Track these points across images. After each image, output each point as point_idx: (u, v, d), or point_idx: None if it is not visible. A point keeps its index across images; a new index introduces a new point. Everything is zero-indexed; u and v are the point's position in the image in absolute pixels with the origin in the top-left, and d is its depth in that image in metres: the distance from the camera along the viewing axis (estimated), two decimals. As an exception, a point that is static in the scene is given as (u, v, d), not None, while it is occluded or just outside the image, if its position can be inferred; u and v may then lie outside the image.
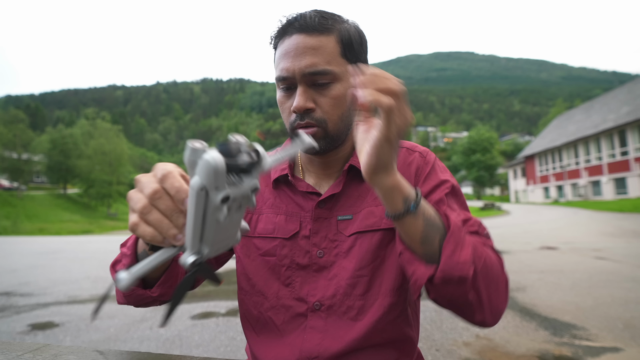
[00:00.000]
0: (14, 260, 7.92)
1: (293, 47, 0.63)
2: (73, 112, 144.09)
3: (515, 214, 19.73)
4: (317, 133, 0.65)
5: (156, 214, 0.40)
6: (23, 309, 3.83)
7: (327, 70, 0.63)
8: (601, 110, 28.89)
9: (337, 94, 0.65)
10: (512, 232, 10.31)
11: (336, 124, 0.66)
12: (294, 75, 0.63)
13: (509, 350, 2.41)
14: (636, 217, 12.62)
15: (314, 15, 0.64)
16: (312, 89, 0.64)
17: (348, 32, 0.66)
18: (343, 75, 0.65)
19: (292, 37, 0.64)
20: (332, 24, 0.65)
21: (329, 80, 0.64)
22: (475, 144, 49.12)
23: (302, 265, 0.69)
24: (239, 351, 2.59)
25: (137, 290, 0.62)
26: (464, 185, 68.20)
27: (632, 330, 2.66)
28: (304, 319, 0.67)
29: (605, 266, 4.97)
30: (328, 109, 0.65)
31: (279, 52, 0.66)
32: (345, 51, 0.65)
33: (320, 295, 0.67)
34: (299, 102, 0.63)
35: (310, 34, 0.63)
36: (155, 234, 0.40)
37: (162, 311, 3.15)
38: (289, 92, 0.66)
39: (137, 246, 0.58)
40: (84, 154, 41.19)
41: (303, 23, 0.63)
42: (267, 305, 0.70)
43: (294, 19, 0.65)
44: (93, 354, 0.57)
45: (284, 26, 0.66)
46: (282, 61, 0.65)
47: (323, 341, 0.65)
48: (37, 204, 37.01)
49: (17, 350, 0.57)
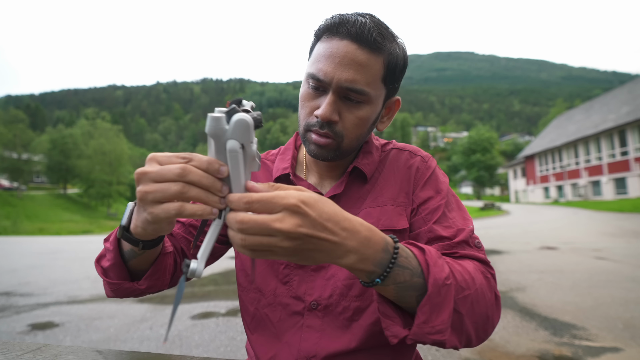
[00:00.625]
0: (14, 260, 7.92)
1: (341, 54, 0.60)
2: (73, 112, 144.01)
3: (515, 214, 19.70)
4: (330, 145, 0.65)
5: (195, 189, 0.41)
6: (23, 309, 3.83)
7: (365, 92, 0.62)
8: (601, 110, 28.90)
9: (363, 116, 0.64)
10: (512, 232, 10.31)
11: (352, 141, 0.66)
12: (330, 82, 0.61)
13: (509, 350, 2.41)
14: (636, 217, 12.62)
15: (373, 29, 0.60)
16: (342, 101, 0.63)
17: (396, 58, 0.64)
18: (375, 99, 0.64)
19: (343, 41, 0.61)
20: (386, 43, 0.62)
21: (362, 101, 0.63)
22: (475, 144, 49.14)
23: (300, 264, 0.68)
24: (239, 351, 2.59)
25: (125, 283, 0.61)
26: (464, 185, 68.15)
27: (632, 330, 2.66)
28: (301, 318, 0.67)
29: (605, 266, 4.97)
30: (350, 127, 0.64)
31: (323, 50, 0.63)
32: (387, 77, 0.64)
33: (317, 294, 0.67)
34: (325, 112, 0.61)
35: (363, 47, 0.60)
36: (205, 208, 0.41)
37: (162, 312, 3.15)
38: (317, 93, 0.64)
39: (121, 244, 0.59)
40: (84, 154, 41.22)
41: (360, 32, 0.60)
42: (264, 302, 0.70)
43: (351, 22, 0.61)
44: (93, 354, 0.57)
45: (339, 23, 0.62)
46: (324, 62, 0.62)
47: (321, 340, 0.65)
48: (37, 204, 37.02)
49: (17, 350, 0.57)
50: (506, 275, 4.63)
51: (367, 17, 0.62)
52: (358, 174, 0.72)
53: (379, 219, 0.68)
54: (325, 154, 0.66)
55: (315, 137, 0.65)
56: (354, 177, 0.72)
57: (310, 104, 0.65)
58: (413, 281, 0.49)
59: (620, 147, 24.07)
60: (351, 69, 0.60)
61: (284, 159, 0.77)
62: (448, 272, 0.51)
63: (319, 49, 0.64)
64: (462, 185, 69.93)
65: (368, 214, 0.69)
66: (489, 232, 10.55)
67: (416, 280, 0.49)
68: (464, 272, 0.54)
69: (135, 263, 0.60)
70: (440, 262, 0.52)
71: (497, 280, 0.61)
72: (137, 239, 0.53)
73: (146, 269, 0.62)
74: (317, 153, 0.66)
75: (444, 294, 0.49)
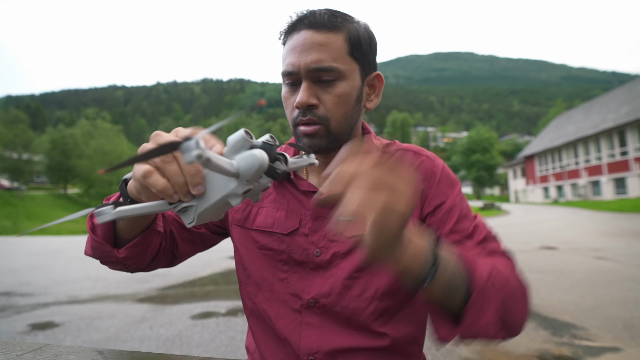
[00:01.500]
0: (14, 260, 7.93)
1: (300, 43, 0.63)
2: (73, 112, 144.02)
3: (515, 214, 19.72)
4: (319, 131, 0.65)
5: (175, 166, 0.41)
6: (23, 309, 3.83)
7: (333, 67, 0.62)
8: (601, 110, 28.89)
9: (341, 92, 0.64)
10: (512, 232, 10.31)
11: (339, 122, 0.66)
12: (299, 71, 0.63)
13: (509, 350, 2.41)
14: (636, 217, 12.62)
15: (324, 13, 0.64)
16: (317, 85, 0.64)
17: (357, 31, 0.66)
18: (349, 73, 0.65)
19: (300, 32, 0.64)
20: (342, 22, 0.64)
21: (334, 78, 0.63)
22: (475, 144, 49.17)
23: (298, 261, 0.68)
24: (239, 351, 2.59)
25: (106, 245, 0.61)
26: (464, 185, 68.15)
27: (632, 330, 2.66)
28: (299, 315, 0.67)
29: (605, 266, 4.97)
30: (331, 107, 0.64)
31: (287, 48, 0.66)
32: (353, 50, 0.65)
33: (315, 292, 0.66)
34: (302, 98, 0.63)
35: (319, 30, 0.63)
36: (168, 187, 0.41)
37: (162, 312, 3.15)
38: (293, 88, 0.66)
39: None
40: (84, 154, 41.21)
41: (312, 20, 0.63)
42: (261, 297, 0.70)
43: (304, 16, 0.65)
44: (93, 354, 0.57)
45: (294, 22, 0.66)
46: (289, 56, 0.64)
47: (322, 336, 0.65)
48: (37, 204, 37.01)
49: (17, 350, 0.58)
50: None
51: (321, 7, 0.66)
52: None
53: None
54: (318, 142, 0.65)
55: (303, 128, 0.65)
56: None
57: (291, 100, 0.66)
58: (456, 279, 0.49)
59: (620, 147, 24.06)
60: (313, 51, 0.62)
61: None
62: (489, 270, 0.51)
63: (284, 50, 0.67)
64: (462, 185, 69.37)
65: None
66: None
67: (459, 280, 0.49)
68: (500, 268, 0.54)
69: (123, 226, 0.60)
70: (481, 261, 0.53)
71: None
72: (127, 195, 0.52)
73: (130, 240, 0.62)
74: (310, 144, 0.66)
75: (488, 293, 0.50)
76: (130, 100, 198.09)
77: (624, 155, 23.64)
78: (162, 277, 5.38)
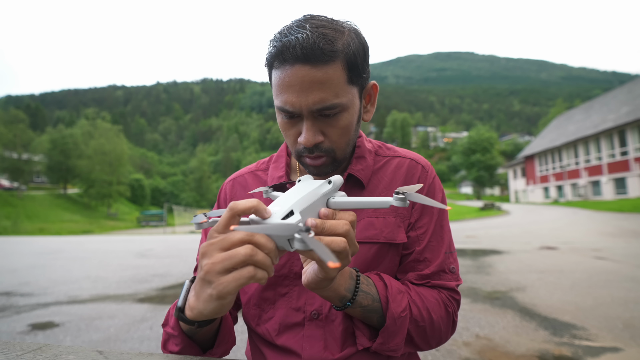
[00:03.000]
0: (14, 260, 7.92)
1: (298, 82, 0.57)
2: (73, 112, 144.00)
3: (515, 214, 19.72)
4: (326, 162, 0.65)
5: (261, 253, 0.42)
6: (23, 309, 3.83)
7: (336, 104, 0.59)
8: (601, 110, 28.89)
9: (345, 124, 0.63)
10: (512, 232, 10.31)
11: (344, 150, 0.66)
12: (300, 111, 0.60)
13: (509, 350, 2.41)
14: (636, 217, 12.61)
15: (316, 39, 0.56)
16: (320, 120, 0.62)
17: (351, 49, 0.59)
18: (350, 103, 0.62)
19: (294, 67, 0.57)
20: (336, 44, 0.57)
21: (337, 112, 0.61)
22: (475, 144, 49.18)
23: (299, 274, 0.68)
24: (239, 351, 2.59)
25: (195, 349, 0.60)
26: (464, 185, 68.08)
27: (632, 330, 2.66)
28: (301, 329, 0.66)
29: (605, 266, 4.97)
30: (336, 139, 0.64)
31: (280, 81, 0.59)
32: (352, 76, 0.61)
33: (318, 304, 0.66)
34: (308, 139, 0.61)
35: (316, 65, 0.56)
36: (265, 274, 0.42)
37: (162, 312, 3.13)
38: (292, 120, 0.63)
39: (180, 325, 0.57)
40: (84, 154, 41.26)
41: (306, 52, 0.55)
42: (264, 317, 0.70)
43: (294, 42, 0.56)
44: (93, 354, 0.57)
45: (283, 49, 0.57)
46: (286, 94, 0.59)
47: (326, 348, 0.65)
48: (37, 204, 37.02)
49: (17, 350, 0.57)
50: (506, 275, 4.63)
51: (307, 27, 0.57)
52: (355, 181, 0.72)
53: (382, 231, 0.68)
54: (325, 169, 0.66)
55: (310, 161, 0.65)
56: (350, 184, 0.72)
57: (291, 132, 0.64)
58: (374, 305, 0.60)
59: (620, 147, 24.06)
60: (314, 91, 0.58)
61: (278, 167, 0.77)
62: (405, 306, 0.62)
63: (275, 78, 0.61)
64: (462, 185, 69.89)
65: (370, 223, 0.68)
66: (489, 232, 10.55)
67: (376, 305, 0.61)
68: (422, 308, 0.64)
69: (198, 337, 0.59)
70: (399, 297, 0.62)
71: (497, 280, 0.64)
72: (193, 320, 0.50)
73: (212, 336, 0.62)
74: (317, 172, 0.67)
75: (399, 325, 0.61)
76: (130, 100, 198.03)
77: (624, 155, 23.63)
78: (162, 277, 5.38)
